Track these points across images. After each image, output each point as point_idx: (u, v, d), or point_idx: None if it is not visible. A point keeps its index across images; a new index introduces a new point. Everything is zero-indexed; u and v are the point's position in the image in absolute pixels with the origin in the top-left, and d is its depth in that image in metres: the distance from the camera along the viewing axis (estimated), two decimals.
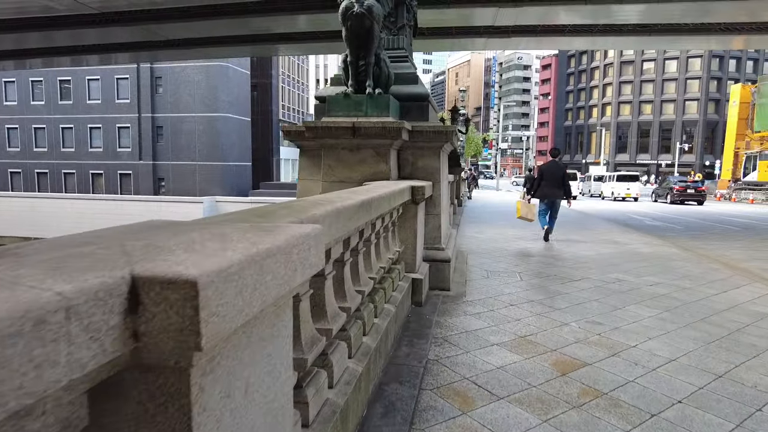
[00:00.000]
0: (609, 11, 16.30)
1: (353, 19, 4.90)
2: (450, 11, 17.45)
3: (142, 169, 40.19)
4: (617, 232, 12.26)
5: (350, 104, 5.10)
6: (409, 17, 6.29)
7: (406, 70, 5.84)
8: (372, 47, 5.07)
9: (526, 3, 15.50)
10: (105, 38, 20.35)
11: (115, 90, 39.53)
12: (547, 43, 26.48)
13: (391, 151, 5.09)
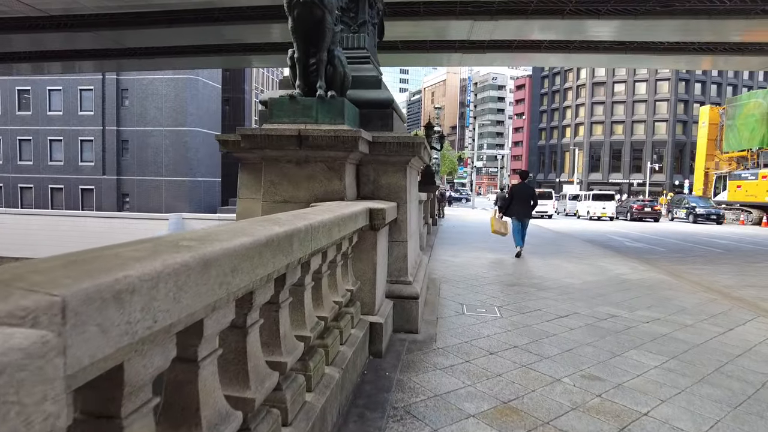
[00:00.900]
0: (585, 26, 15.99)
1: (300, 6, 4.06)
2: (425, 24, 16.93)
3: (105, 184, 38.37)
4: (599, 254, 11.62)
5: (297, 109, 4.22)
6: (373, 14, 5.49)
7: (367, 73, 5.02)
8: (324, 42, 4.22)
9: (502, 16, 15.05)
10: (67, 44, 19.12)
11: (78, 101, 37.80)
12: (522, 60, 26.41)
13: (346, 166, 4.21)
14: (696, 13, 13.90)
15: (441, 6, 15.20)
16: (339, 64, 4.36)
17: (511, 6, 14.37)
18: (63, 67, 26.33)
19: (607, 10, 14.02)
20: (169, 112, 37.17)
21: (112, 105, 37.55)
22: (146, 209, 35.58)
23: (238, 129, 4.20)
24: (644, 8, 13.77)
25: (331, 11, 4.16)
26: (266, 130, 4.09)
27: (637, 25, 15.06)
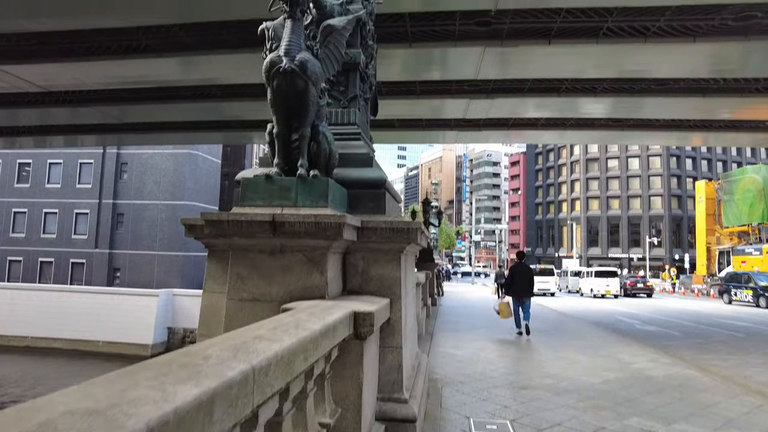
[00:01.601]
0: (580, 104, 16.09)
1: (280, 77, 3.58)
2: (421, 103, 17.06)
3: (97, 257, 37.52)
4: (612, 342, 10.67)
5: (273, 190, 3.62)
6: (365, 88, 5.08)
7: (356, 150, 4.49)
8: (307, 116, 3.71)
9: (497, 95, 15.14)
10: (70, 119, 19.21)
11: (77, 174, 37.94)
12: (517, 137, 26.78)
13: (329, 256, 3.54)
14: (691, 92, 13.97)
15: (437, 85, 15.34)
16: (324, 140, 3.82)
17: (506, 84, 14.47)
18: (65, 141, 26.51)
19: (603, 88, 14.10)
20: (167, 187, 37.18)
21: (111, 178, 37.65)
22: (137, 284, 34.45)
23: (202, 213, 3.58)
24: (640, 87, 13.85)
25: (315, 83, 3.69)
26: (235, 215, 3.46)
27: (632, 102, 15.14)
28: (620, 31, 10.44)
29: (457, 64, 13.01)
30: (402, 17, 10.53)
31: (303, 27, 3.81)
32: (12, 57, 12.35)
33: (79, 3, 9.36)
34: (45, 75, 13.53)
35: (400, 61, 12.84)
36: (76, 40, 11.38)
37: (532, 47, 11.35)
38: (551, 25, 10.34)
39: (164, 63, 12.61)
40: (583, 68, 12.65)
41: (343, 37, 4.21)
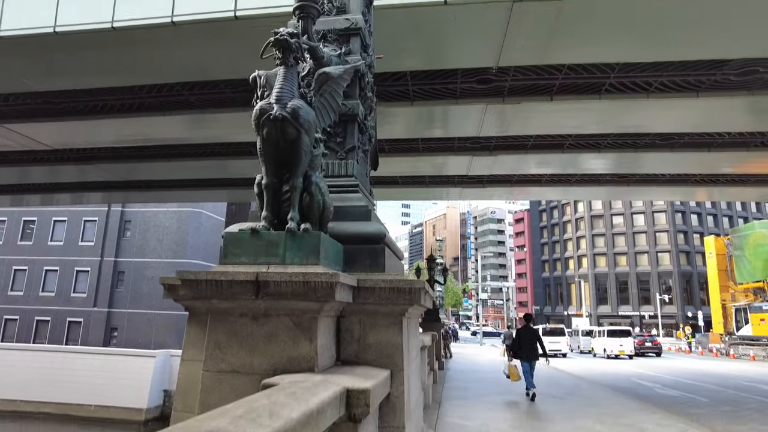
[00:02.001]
0: (584, 160, 16.01)
1: (270, 124, 3.34)
2: (424, 160, 17.08)
3: (95, 316, 36.72)
4: (635, 409, 9.86)
5: (259, 246, 3.28)
6: (363, 140, 4.85)
7: (354, 203, 4.18)
8: (299, 166, 3.43)
9: (500, 152, 15.11)
10: (78, 177, 19.34)
11: (80, 232, 37.94)
12: (520, 194, 26.63)
13: (320, 321, 3.13)
14: (696, 147, 13.87)
15: (439, 142, 15.37)
16: (317, 191, 3.52)
17: (509, 141, 14.45)
18: (72, 199, 26.63)
19: (607, 143, 14.04)
20: (170, 245, 36.99)
21: (114, 236, 37.57)
22: (134, 344, 33.43)
23: (178, 271, 3.21)
24: (644, 142, 13.78)
25: (308, 130, 3.44)
26: (214, 274, 3.09)
27: (637, 158, 15.04)
28: (623, 87, 10.45)
29: (458, 121, 13.05)
30: (403, 76, 10.62)
31: (297, 74, 3.61)
32: (19, 116, 12.51)
33: (81, 63, 9.48)
34: (51, 134, 13.66)
35: (403, 119, 12.90)
36: (81, 100, 11.52)
37: (535, 104, 11.38)
38: (553, 81, 10.38)
39: (169, 121, 12.71)
40: (587, 124, 12.63)
41: (340, 87, 4.01)
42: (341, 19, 4.85)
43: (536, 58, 9.26)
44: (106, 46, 8.88)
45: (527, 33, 8.23)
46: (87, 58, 9.33)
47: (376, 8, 7.79)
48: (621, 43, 8.55)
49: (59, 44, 8.83)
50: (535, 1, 7.35)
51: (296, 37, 3.57)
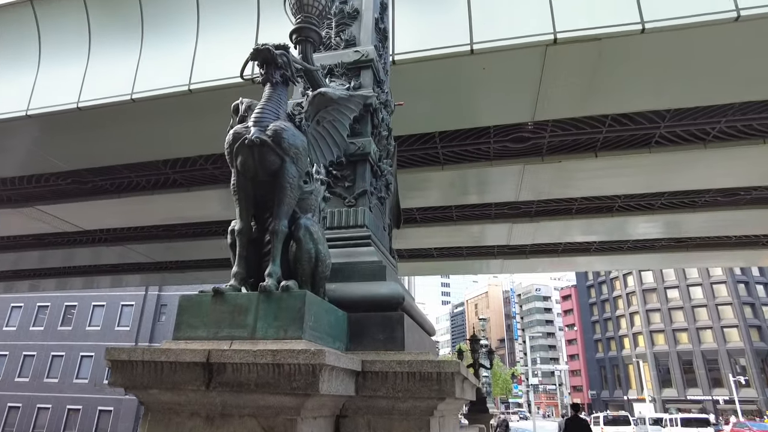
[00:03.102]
0: (634, 224, 14.62)
1: (246, 151, 2.55)
2: (459, 229, 16.12)
3: (125, 405, 35.62)
4: None
5: (223, 313, 2.35)
6: (378, 186, 4.02)
7: (363, 258, 3.25)
8: (282, 203, 2.58)
9: (542, 218, 14.02)
10: (120, 258, 19.38)
11: (117, 317, 38.08)
12: (567, 265, 24.83)
13: (301, 426, 2.10)
14: (766, 203, 12.38)
15: (475, 209, 14.45)
16: (307, 238, 2.63)
17: (551, 206, 13.40)
18: (112, 282, 26.75)
19: (661, 204, 12.76)
20: None
21: (149, 320, 37.46)
22: None
23: (107, 350, 2.31)
24: (703, 200, 12.41)
25: (295, 159, 2.62)
26: (153, 353, 2.16)
27: (695, 218, 13.57)
28: (675, 137, 9.45)
29: (494, 185, 12.21)
30: (431, 138, 10.02)
31: (285, 96, 2.88)
32: (50, 197, 12.57)
33: (104, 139, 9.40)
34: (81, 214, 13.64)
35: (433, 185, 12.19)
36: (108, 178, 11.46)
37: (577, 162, 10.46)
38: (596, 135, 9.51)
39: (198, 198, 12.45)
40: (637, 182, 11.51)
41: (344, 117, 3.23)
42: (350, 51, 4.23)
43: (576, 110, 8.49)
44: (127, 120, 8.77)
45: (564, 80, 7.53)
46: (109, 133, 9.25)
47: (397, 63, 7.37)
48: (671, 86, 7.69)
49: (83, 120, 8.78)
50: (571, 44, 6.70)
51: (284, 50, 2.88)
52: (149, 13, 8.23)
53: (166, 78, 8.07)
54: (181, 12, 8.13)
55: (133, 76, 8.17)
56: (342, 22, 4.48)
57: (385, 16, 4.97)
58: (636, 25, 6.28)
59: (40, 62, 8.86)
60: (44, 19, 8.79)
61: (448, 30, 7.12)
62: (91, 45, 8.48)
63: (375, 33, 4.52)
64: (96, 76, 8.37)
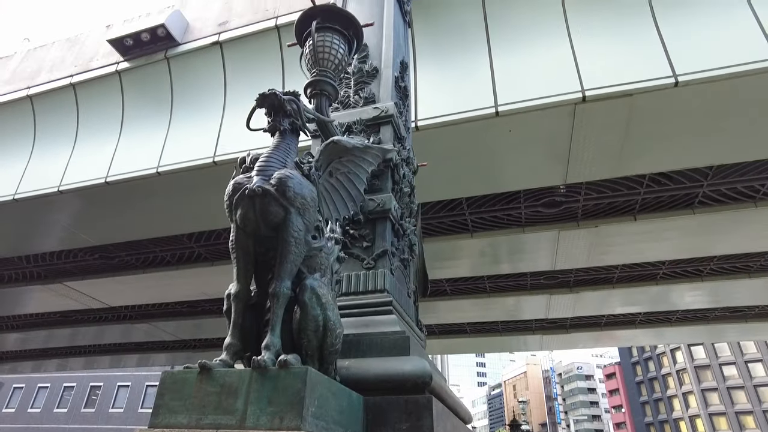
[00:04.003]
0: (680, 293, 13.52)
1: (246, 203, 2.25)
2: (494, 302, 15.30)
3: None
4: None
5: (209, 394, 1.92)
6: (401, 246, 3.63)
7: (383, 329, 2.79)
8: (286, 261, 2.22)
9: (582, 287, 13.18)
10: (147, 337, 19.16)
11: (141, 398, 37.11)
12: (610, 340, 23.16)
13: None
14: None
15: (509, 280, 13.75)
16: (314, 302, 2.22)
17: (591, 274, 12.61)
18: (138, 361, 26.36)
19: (710, 270, 11.81)
20: None
21: None
22: None
23: None
24: (758, 264, 11.43)
25: (301, 210, 2.29)
26: None
27: (750, 285, 12.47)
28: (720, 197, 8.85)
29: (528, 253, 11.61)
30: (459, 204, 9.71)
31: (295, 146, 2.62)
32: (77, 273, 12.63)
33: (130, 213, 9.46)
34: (107, 291, 13.60)
35: (463, 253, 11.69)
36: (134, 253, 11.48)
37: (615, 226, 9.88)
38: (634, 197, 9.01)
39: (222, 272, 12.29)
40: (681, 247, 10.74)
41: (361, 168, 2.94)
42: (369, 108, 4.04)
43: (610, 170, 8.08)
44: (152, 193, 8.83)
45: (596, 140, 7.22)
46: (136, 207, 9.32)
47: (420, 128, 7.24)
48: (711, 141, 7.25)
49: (111, 194, 8.90)
50: (601, 101, 6.45)
51: (293, 96, 2.66)
52: (179, 91, 8.53)
53: (192, 151, 8.17)
54: (209, 88, 8.39)
55: (160, 150, 8.32)
56: (361, 80, 4.35)
57: (405, 75, 4.85)
58: (668, 79, 6.02)
59: (76, 141, 9.19)
60: (84, 100, 9.24)
61: (472, 93, 7.02)
62: (123, 123, 8.77)
63: (395, 90, 4.36)
64: (125, 152, 8.57)
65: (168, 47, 8.53)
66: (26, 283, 13.15)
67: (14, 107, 9.73)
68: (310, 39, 3.41)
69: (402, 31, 5.27)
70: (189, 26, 8.71)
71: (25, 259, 12.14)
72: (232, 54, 8.36)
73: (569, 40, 6.92)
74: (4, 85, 10.05)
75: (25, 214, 9.73)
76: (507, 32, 7.16)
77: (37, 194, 9.17)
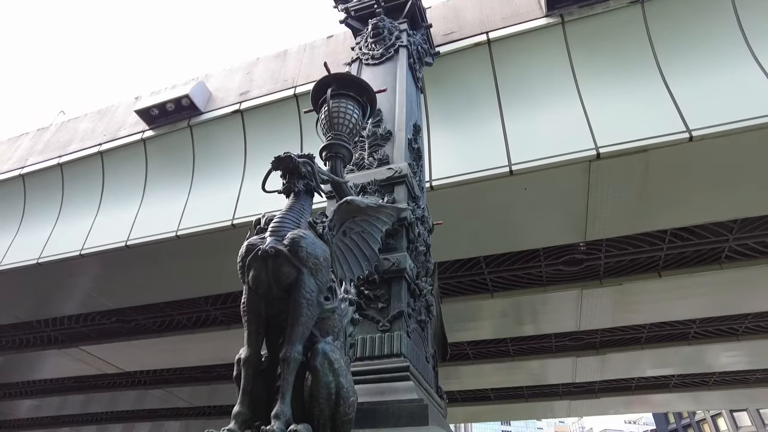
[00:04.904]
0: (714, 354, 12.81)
1: (259, 265, 2.23)
2: (518, 367, 14.67)
3: None
4: None
5: None
6: (417, 306, 3.53)
7: (399, 396, 2.65)
8: (297, 324, 2.16)
9: (609, 349, 12.62)
10: (162, 403, 18.70)
11: None
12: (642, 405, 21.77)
13: None
14: None
15: (532, 342, 13.24)
16: (326, 368, 2.13)
17: (617, 335, 12.09)
18: (151, 429, 25.60)
19: (746, 329, 11.23)
20: None
21: None
22: None
23: None
24: None
25: (314, 271, 2.26)
26: None
27: None
28: (748, 251, 8.56)
29: (551, 314, 11.24)
30: (477, 263, 9.56)
31: (309, 206, 2.64)
32: (94, 337, 12.58)
33: (148, 276, 9.54)
34: (123, 355, 13.47)
35: (484, 315, 11.37)
36: (150, 316, 11.44)
37: (639, 283, 9.57)
38: (657, 253, 8.78)
39: (237, 335, 12.13)
40: (711, 304, 10.30)
41: (375, 227, 2.94)
42: (383, 169, 4.10)
43: (630, 226, 7.95)
44: (171, 256, 8.92)
45: (614, 196, 7.15)
46: (154, 270, 9.40)
47: (435, 188, 7.30)
48: (733, 194, 7.11)
49: (130, 257, 9.01)
50: (616, 157, 6.46)
51: (308, 158, 2.71)
52: (200, 156, 8.83)
53: (212, 214, 8.31)
54: (229, 153, 8.68)
55: (180, 214, 8.49)
56: (375, 143, 4.45)
57: (418, 137, 4.95)
58: (683, 134, 6.02)
59: (100, 206, 9.47)
60: (110, 167, 9.61)
61: (485, 153, 7.10)
62: (146, 188, 9.05)
63: (408, 152, 4.43)
64: (146, 216, 8.77)
65: (191, 116, 8.93)
66: (43, 347, 13.12)
67: (45, 175, 10.15)
68: (325, 105, 3.53)
69: (414, 96, 5.45)
70: (212, 96, 9.16)
71: (43, 322, 12.18)
72: (252, 121, 8.70)
73: (580, 98, 7.05)
74: (37, 155, 10.55)
75: (47, 278, 9.87)
76: (518, 95, 7.34)
77: (59, 258, 9.34)
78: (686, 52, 6.75)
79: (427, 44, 6.69)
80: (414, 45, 5.92)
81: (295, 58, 9.05)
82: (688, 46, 6.78)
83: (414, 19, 6.36)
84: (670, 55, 6.83)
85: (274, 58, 9.34)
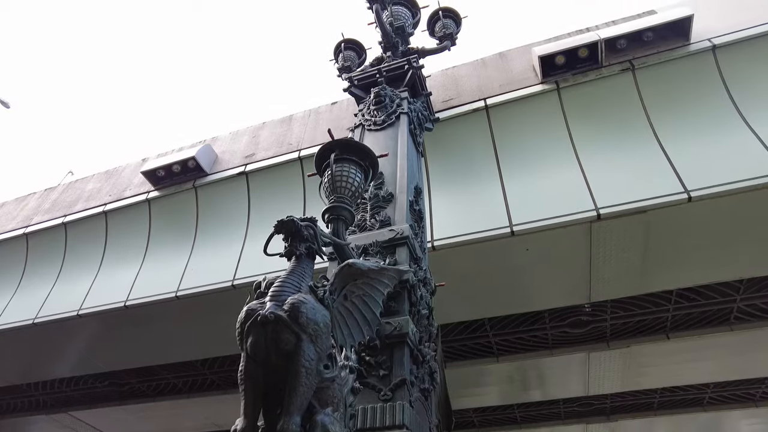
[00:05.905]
0: (732, 421, 12.22)
1: (258, 331, 2.20)
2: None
3: None
4: None
5: None
6: (420, 373, 3.42)
7: None
8: (295, 395, 2.10)
9: (620, 415, 12.06)
10: None
11: None
12: None
13: None
14: None
15: (541, 407, 12.69)
16: None
17: (629, 400, 11.61)
18: None
19: (763, 393, 10.78)
20: None
21: None
22: None
23: None
24: None
25: (314, 337, 2.22)
26: None
27: None
28: (758, 312, 8.39)
29: (559, 378, 10.87)
30: (481, 325, 9.37)
31: (310, 269, 2.63)
32: (85, 402, 12.12)
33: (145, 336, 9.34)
34: (114, 421, 12.92)
35: (490, 380, 11.01)
36: (144, 379, 11.08)
37: (648, 346, 9.32)
38: (663, 314, 8.61)
39: (233, 400, 11.70)
40: (724, 367, 9.96)
41: (376, 290, 2.92)
42: (385, 231, 4.12)
43: (634, 287, 7.85)
44: (169, 317, 8.79)
45: (616, 256, 7.13)
46: (151, 331, 9.22)
47: (437, 249, 7.30)
48: (737, 254, 7.08)
49: (128, 318, 8.88)
50: (617, 218, 6.50)
51: (311, 222, 2.73)
52: (204, 217, 8.92)
53: (212, 275, 8.27)
54: (233, 214, 8.76)
55: (180, 274, 8.44)
56: (377, 205, 4.50)
57: (420, 199, 5.01)
58: (681, 195, 6.09)
59: (101, 265, 9.45)
60: (113, 227, 9.67)
61: (486, 214, 7.16)
62: (148, 247, 9.06)
63: (410, 213, 4.47)
64: (147, 276, 8.73)
65: (197, 177, 9.10)
66: (31, 412, 12.60)
67: (49, 234, 10.20)
68: (328, 169, 3.60)
69: (415, 160, 5.58)
70: (218, 158, 9.38)
71: (33, 386, 11.78)
72: (256, 182, 8.86)
73: (578, 160, 7.20)
74: (43, 214, 10.66)
75: (41, 339, 9.67)
76: (516, 157, 7.51)
77: (56, 318, 9.19)
78: (680, 117, 6.97)
79: (427, 111, 6.93)
80: (414, 112, 6.13)
81: (300, 123, 9.35)
82: (680, 111, 7.01)
83: (414, 88, 6.63)
84: (663, 120, 7.05)
85: (280, 123, 9.65)
